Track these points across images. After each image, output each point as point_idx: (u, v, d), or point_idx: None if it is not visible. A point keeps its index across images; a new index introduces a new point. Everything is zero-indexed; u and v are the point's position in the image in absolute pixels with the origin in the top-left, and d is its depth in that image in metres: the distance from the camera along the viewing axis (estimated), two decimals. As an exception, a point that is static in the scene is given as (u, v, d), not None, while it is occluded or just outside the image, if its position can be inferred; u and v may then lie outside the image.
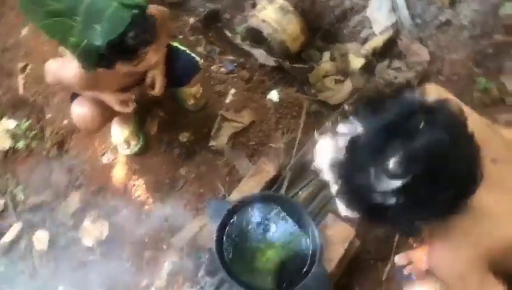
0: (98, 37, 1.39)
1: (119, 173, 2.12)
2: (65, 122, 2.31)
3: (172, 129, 2.16)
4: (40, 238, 2.16)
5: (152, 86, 1.83)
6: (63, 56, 1.85)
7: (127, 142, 2.11)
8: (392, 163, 0.99)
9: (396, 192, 1.00)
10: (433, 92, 1.42)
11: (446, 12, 2.28)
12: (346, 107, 2.19)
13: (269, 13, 2.43)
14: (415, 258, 1.69)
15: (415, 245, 1.85)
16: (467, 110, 1.39)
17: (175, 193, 2.03)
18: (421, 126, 1.00)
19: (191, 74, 1.93)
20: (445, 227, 1.18)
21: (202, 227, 1.80)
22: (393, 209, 1.04)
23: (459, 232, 1.17)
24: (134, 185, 2.08)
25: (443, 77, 2.28)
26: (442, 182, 1.01)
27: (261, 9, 2.47)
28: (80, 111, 1.79)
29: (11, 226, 2.23)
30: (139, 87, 1.91)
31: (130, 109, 1.81)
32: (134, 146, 2.13)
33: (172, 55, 1.86)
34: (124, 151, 2.13)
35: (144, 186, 2.07)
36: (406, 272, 1.70)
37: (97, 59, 1.47)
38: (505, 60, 2.20)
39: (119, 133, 2.11)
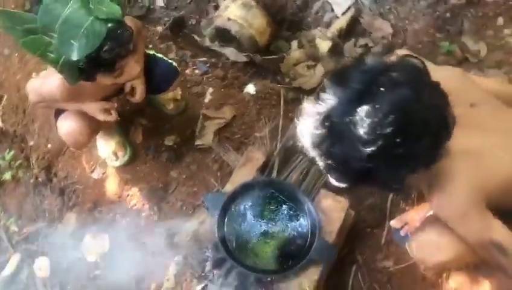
0: (75, 52, 1.42)
1: (111, 186, 2.14)
2: (49, 146, 2.33)
3: (157, 135, 2.19)
4: (41, 266, 2.17)
5: (132, 93, 1.87)
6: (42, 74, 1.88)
7: (115, 154, 2.14)
8: (362, 131, 1.03)
9: (374, 156, 1.04)
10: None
11: (401, -14, 2.38)
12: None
13: (233, 11, 2.49)
14: (408, 219, 1.77)
15: (407, 208, 1.92)
16: (433, 66, 1.49)
17: (170, 196, 2.06)
18: (382, 88, 1.05)
19: (171, 79, 1.97)
20: (436, 176, 1.25)
21: (201, 223, 1.83)
22: (376, 172, 1.09)
23: (451, 175, 1.24)
24: (128, 195, 2.11)
25: (408, 47, 2.37)
26: (415, 136, 1.05)
27: (225, 8, 2.53)
28: (67, 126, 1.81)
29: (9, 259, 2.22)
30: (121, 97, 1.94)
31: (113, 117, 1.84)
32: (123, 157, 2.15)
33: (150, 63, 1.90)
34: (113, 163, 2.16)
35: (138, 194, 2.09)
36: (402, 233, 1.77)
37: (78, 73, 1.50)
38: (463, 21, 2.30)
39: (106, 147, 2.13)
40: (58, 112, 1.87)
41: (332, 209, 1.78)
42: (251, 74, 2.46)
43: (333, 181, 1.24)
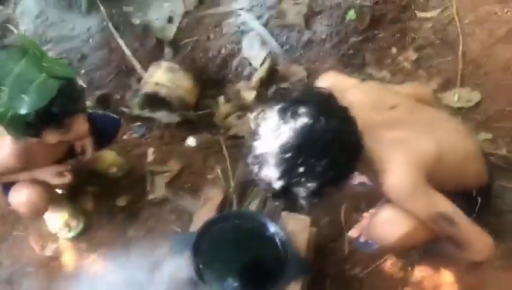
0: (25, 107, 1.45)
1: (68, 259, 2.05)
2: (-12, 236, 2.18)
3: (108, 198, 2.17)
4: None
5: (82, 153, 1.88)
6: None
7: (68, 225, 2.07)
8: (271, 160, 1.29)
9: (283, 179, 1.31)
10: (327, 78, 1.79)
11: (305, 34, 2.69)
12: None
13: (160, 76, 2.62)
14: (364, 226, 1.92)
15: (360, 218, 2.07)
16: (355, 82, 1.79)
17: (132, 255, 2.01)
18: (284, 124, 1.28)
19: (114, 132, 2.01)
20: (379, 165, 1.45)
21: (172, 269, 1.81)
22: (291, 190, 1.34)
23: (389, 160, 1.44)
24: (87, 264, 2.02)
25: (323, 84, 2.65)
26: (315, 156, 1.28)
27: (151, 75, 2.66)
28: (24, 195, 1.76)
29: None
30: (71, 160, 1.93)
31: (67, 178, 1.83)
32: (76, 227, 2.09)
33: (92, 118, 1.93)
34: (67, 235, 2.09)
35: (99, 260, 2.02)
36: (362, 239, 1.91)
37: (24, 128, 1.50)
38: (364, 55, 2.65)
39: (56, 220, 2.06)
40: (6, 187, 1.81)
41: (296, 228, 1.87)
42: (187, 130, 2.57)
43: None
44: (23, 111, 1.44)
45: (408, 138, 1.50)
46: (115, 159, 2.26)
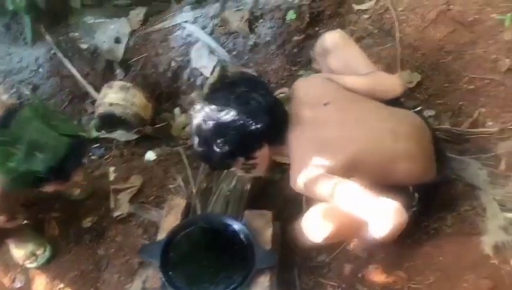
0: (39, 164, 1.59)
1: (39, 288, 2.04)
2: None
3: (73, 222, 2.19)
4: None
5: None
6: None
7: (34, 255, 2.07)
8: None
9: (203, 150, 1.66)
10: (300, 84, 1.86)
11: (251, 38, 2.77)
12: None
13: (113, 96, 2.65)
14: None
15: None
16: (307, 79, 1.89)
17: (104, 274, 2.03)
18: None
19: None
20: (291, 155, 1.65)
21: (145, 281, 1.85)
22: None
23: (294, 161, 1.64)
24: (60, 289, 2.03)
25: (273, 84, 2.74)
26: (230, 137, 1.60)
27: (104, 96, 2.69)
28: None
29: None
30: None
31: (19, 220, 1.91)
32: (43, 256, 2.09)
33: None
34: (33, 265, 2.08)
35: (71, 284, 2.03)
36: None
37: (28, 181, 1.63)
38: (308, 52, 2.75)
39: (21, 251, 2.06)
40: None
41: (260, 223, 1.93)
42: (146, 145, 2.60)
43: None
44: (38, 168, 1.57)
45: (328, 137, 1.62)
46: (79, 180, 2.27)
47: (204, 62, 2.83)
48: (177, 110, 2.80)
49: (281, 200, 2.11)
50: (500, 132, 2.05)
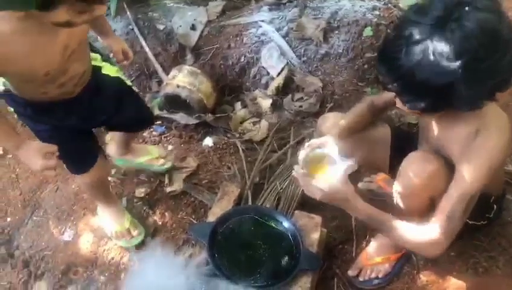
0: None
1: (86, 245, 2.11)
2: (8, 219, 2.26)
3: (126, 189, 2.26)
4: None
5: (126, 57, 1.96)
6: None
7: (128, 233, 2.08)
8: (447, 47, 1.18)
9: (461, 70, 1.18)
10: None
11: (323, 47, 2.81)
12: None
13: (181, 78, 2.74)
14: (361, 264, 1.99)
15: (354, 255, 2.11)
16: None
17: (148, 242, 2.08)
18: (467, 9, 1.19)
19: (144, 124, 2.10)
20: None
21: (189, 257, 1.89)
22: (458, 86, 1.21)
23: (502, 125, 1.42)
24: (104, 250, 2.10)
25: (338, 96, 2.76)
26: (498, 51, 1.19)
27: (173, 77, 2.77)
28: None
29: None
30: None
31: (53, 161, 1.46)
32: (138, 236, 2.08)
33: (128, 95, 1.92)
34: (125, 244, 2.08)
35: (115, 247, 2.09)
36: (361, 278, 1.96)
37: None
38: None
39: (115, 224, 2.08)
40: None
41: (308, 225, 1.95)
42: (204, 132, 2.67)
43: (404, 107, 1.37)
44: None
45: None
46: (159, 153, 2.33)
47: (273, 62, 2.87)
48: (238, 105, 2.86)
49: (328, 210, 2.10)
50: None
